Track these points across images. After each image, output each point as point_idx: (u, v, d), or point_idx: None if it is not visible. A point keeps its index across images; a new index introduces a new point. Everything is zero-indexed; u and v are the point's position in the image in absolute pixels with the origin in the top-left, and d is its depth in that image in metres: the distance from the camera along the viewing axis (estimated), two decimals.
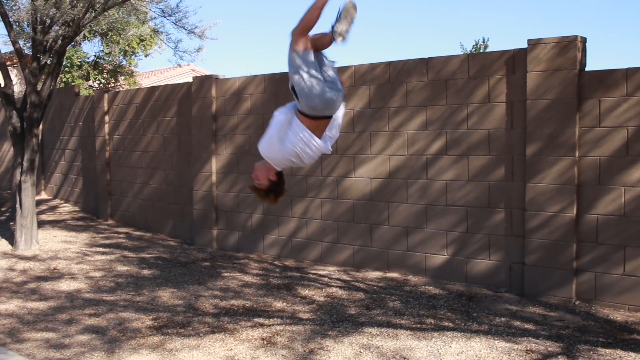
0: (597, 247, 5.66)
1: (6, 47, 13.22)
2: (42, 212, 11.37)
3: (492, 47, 22.65)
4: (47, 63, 8.48)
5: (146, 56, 14.85)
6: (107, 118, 10.79)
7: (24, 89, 9.08)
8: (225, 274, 7.18)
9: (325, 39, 3.26)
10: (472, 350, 4.70)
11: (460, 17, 66.69)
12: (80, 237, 9.42)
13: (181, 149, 9.23)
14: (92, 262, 7.80)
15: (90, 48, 32.01)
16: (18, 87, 15.84)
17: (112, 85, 15.09)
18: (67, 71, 14.26)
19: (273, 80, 7.96)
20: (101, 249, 8.56)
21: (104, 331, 5.26)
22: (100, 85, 14.74)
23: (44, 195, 13.42)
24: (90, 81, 14.75)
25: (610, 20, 56.62)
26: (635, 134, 5.47)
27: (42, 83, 8.57)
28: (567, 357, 4.53)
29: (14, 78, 15.20)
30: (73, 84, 13.52)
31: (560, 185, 5.77)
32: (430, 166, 6.66)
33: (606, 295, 5.63)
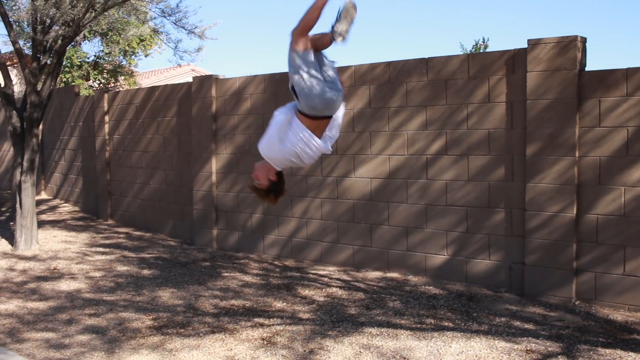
0: (597, 247, 5.66)
1: (6, 47, 13.22)
2: (42, 212, 11.37)
3: (492, 47, 22.63)
4: (47, 63, 8.48)
5: (146, 56, 14.87)
6: (107, 118, 10.79)
7: (24, 89, 9.08)
8: (225, 274, 7.18)
9: (325, 39, 3.26)
10: (472, 350, 4.70)
11: (460, 17, 66.76)
12: (80, 237, 9.42)
13: (181, 149, 9.23)
14: (92, 262, 7.80)
15: (90, 48, 32.09)
16: (18, 87, 15.84)
17: (112, 85, 15.09)
18: (67, 71, 14.26)
19: (273, 80, 7.96)
20: (101, 249, 8.56)
21: (104, 331, 5.26)
22: (100, 85, 14.74)
23: (44, 195, 13.42)
24: (90, 81, 14.75)
25: (610, 20, 56.66)
26: (635, 134, 5.47)
27: (42, 83, 8.56)
28: (567, 357, 4.53)
29: (14, 78, 15.20)
30: (73, 84, 13.52)
31: (560, 185, 5.77)
32: (430, 166, 6.66)
33: (606, 295, 5.63)
